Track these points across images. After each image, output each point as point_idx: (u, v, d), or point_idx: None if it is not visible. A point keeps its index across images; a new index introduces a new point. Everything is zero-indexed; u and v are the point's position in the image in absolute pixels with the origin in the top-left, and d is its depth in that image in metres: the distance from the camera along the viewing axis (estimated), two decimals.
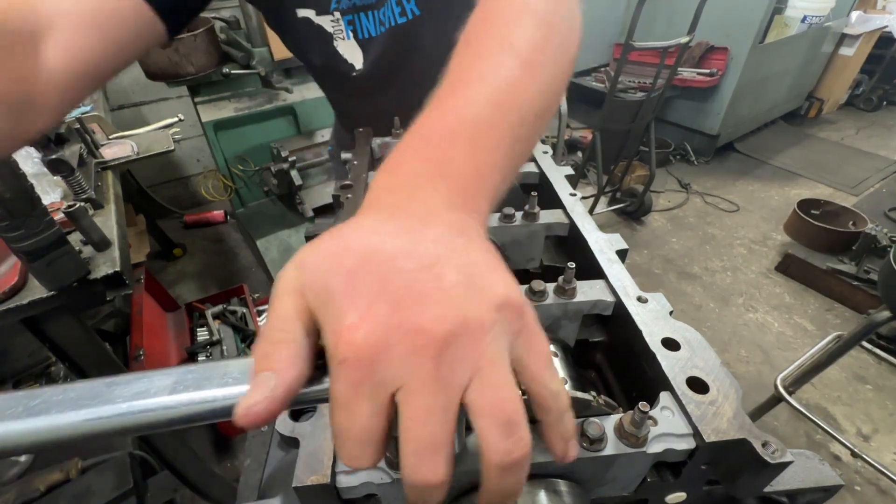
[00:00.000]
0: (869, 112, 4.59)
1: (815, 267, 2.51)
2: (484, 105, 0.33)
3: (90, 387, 0.24)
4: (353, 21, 0.76)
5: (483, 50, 0.37)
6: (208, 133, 2.38)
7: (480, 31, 0.40)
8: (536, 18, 0.40)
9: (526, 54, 0.37)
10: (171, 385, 0.24)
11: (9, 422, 0.22)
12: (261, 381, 0.22)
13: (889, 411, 1.97)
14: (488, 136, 0.32)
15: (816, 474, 0.39)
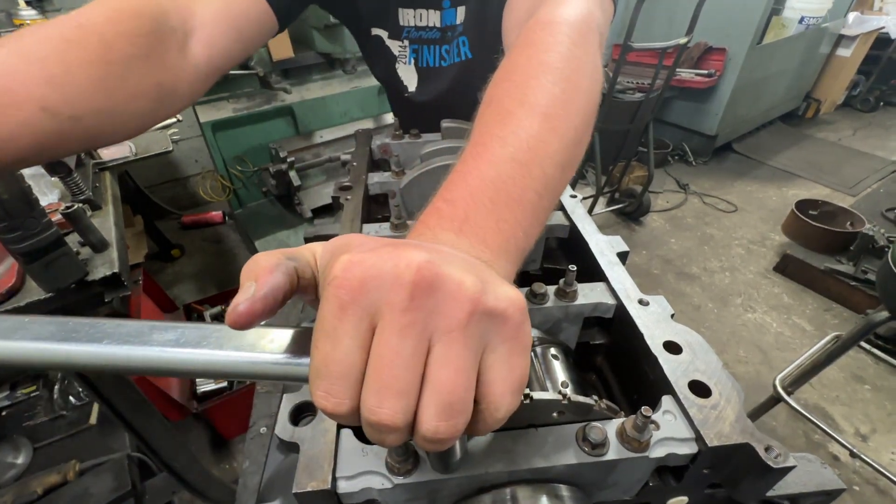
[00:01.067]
0: (866, 113, 4.61)
1: (813, 267, 2.51)
2: (506, 163, 0.34)
3: (138, 327, 0.26)
4: (417, 50, 0.88)
5: (504, 110, 0.39)
6: (206, 134, 2.38)
7: (501, 91, 0.42)
8: (555, 75, 0.41)
9: (546, 110, 0.38)
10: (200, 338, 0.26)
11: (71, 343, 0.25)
12: (244, 290, 0.24)
13: (887, 411, 1.97)
14: (509, 193, 0.33)
15: (818, 478, 0.39)
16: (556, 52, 0.43)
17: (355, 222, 0.59)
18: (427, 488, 0.33)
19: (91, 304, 0.96)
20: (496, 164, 0.34)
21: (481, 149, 0.36)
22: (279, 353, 0.26)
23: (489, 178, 0.33)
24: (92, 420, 1.58)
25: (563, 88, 0.40)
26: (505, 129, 0.37)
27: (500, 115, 0.38)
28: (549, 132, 0.37)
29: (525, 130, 0.36)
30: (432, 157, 0.68)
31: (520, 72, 0.42)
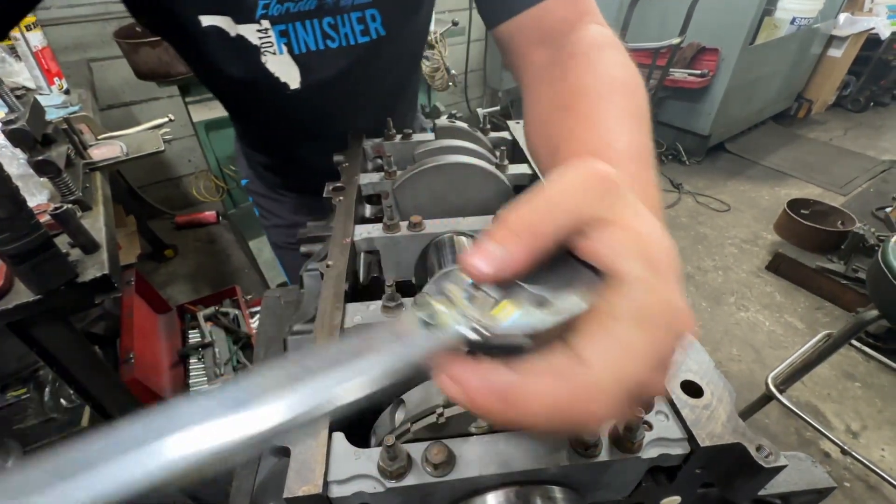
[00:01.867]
0: (856, 113, 4.65)
1: (805, 266, 2.53)
2: (637, 157, 0.40)
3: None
4: (286, 32, 0.64)
5: (606, 117, 0.43)
6: (199, 133, 2.36)
7: (592, 100, 0.45)
8: (628, 88, 0.46)
9: (639, 113, 0.44)
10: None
11: None
12: (489, 249, 0.22)
13: (877, 408, 2.00)
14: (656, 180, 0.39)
15: (809, 476, 0.39)
16: (624, 69, 0.48)
17: (348, 223, 0.59)
18: (420, 492, 0.33)
19: (81, 307, 0.95)
20: (640, 156, 0.40)
21: (640, 142, 0.41)
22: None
23: (648, 170, 0.40)
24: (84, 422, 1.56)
25: (642, 97, 0.46)
26: (624, 128, 0.41)
27: (606, 120, 0.42)
28: (647, 132, 0.43)
29: (648, 143, 0.42)
30: (425, 157, 0.68)
31: (617, 83, 0.46)
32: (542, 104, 0.50)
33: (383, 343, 0.22)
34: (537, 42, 0.58)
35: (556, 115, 0.46)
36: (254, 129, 0.91)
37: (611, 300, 0.21)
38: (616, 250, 0.22)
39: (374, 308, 0.47)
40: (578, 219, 0.23)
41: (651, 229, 0.23)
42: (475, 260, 0.22)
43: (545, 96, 0.51)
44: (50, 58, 1.74)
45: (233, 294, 2.17)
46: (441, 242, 0.59)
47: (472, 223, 0.60)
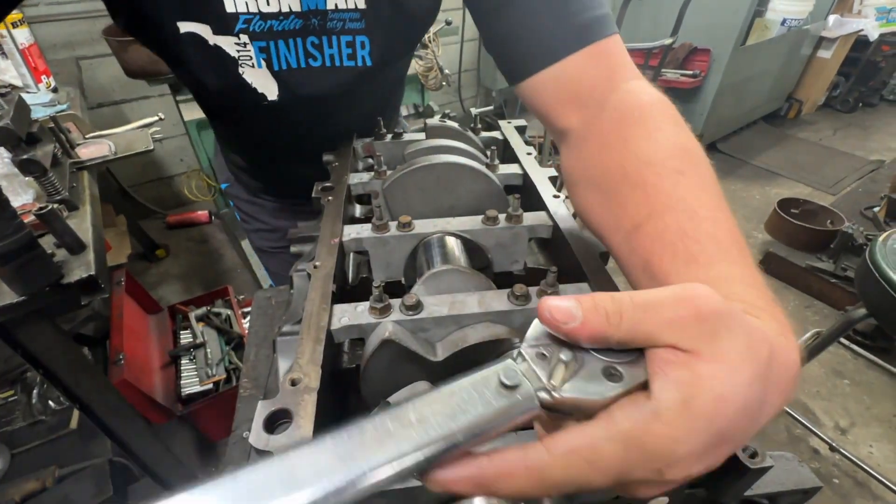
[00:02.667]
0: (846, 113, 4.71)
1: (795, 265, 2.56)
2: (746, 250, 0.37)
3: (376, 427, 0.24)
4: (266, 48, 0.62)
5: (714, 198, 0.40)
6: (191, 132, 2.34)
7: (691, 173, 0.42)
8: (696, 157, 0.44)
9: (713, 184, 0.42)
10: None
11: None
12: (571, 303, 0.25)
13: (865, 405, 2.02)
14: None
15: (796, 476, 0.39)
16: (685, 134, 0.46)
17: (336, 224, 0.59)
18: (405, 494, 0.33)
19: (67, 308, 0.94)
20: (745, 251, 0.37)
21: (736, 234, 0.38)
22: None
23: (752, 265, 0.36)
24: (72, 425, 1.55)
25: (710, 167, 0.44)
26: (717, 211, 0.39)
27: (711, 198, 0.40)
28: (728, 208, 0.40)
29: (729, 211, 0.39)
30: (416, 156, 0.68)
31: (672, 156, 0.43)
32: (599, 181, 0.47)
33: (472, 405, 0.24)
34: (567, 102, 0.55)
35: (629, 196, 0.43)
36: (233, 134, 0.90)
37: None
38: (666, 377, 0.24)
39: (361, 309, 0.46)
40: (670, 340, 0.25)
41: (722, 386, 0.24)
42: (560, 307, 0.25)
43: (600, 172, 0.47)
44: (37, 55, 1.71)
45: (225, 294, 2.15)
46: (430, 243, 0.59)
47: (462, 223, 0.60)
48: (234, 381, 1.78)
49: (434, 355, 0.45)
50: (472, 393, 0.24)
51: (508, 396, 0.24)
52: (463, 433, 0.23)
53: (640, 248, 0.40)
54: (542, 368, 0.25)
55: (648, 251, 0.39)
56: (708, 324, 0.24)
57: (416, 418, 0.23)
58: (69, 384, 1.07)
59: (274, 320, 1.09)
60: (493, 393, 0.24)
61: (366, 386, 0.46)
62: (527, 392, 0.24)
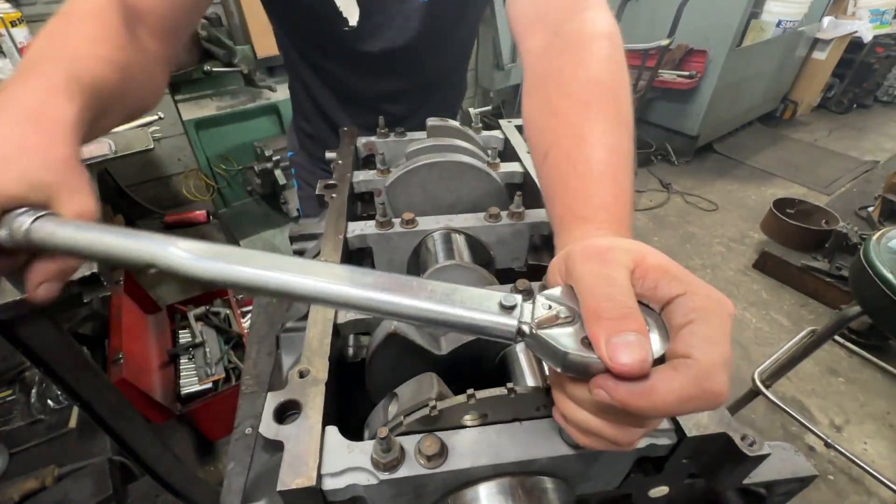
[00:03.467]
0: (840, 114, 4.75)
1: (790, 264, 2.58)
2: (631, 180, 0.42)
3: (403, 280, 0.30)
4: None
5: (610, 130, 0.44)
6: (189, 132, 2.34)
7: (570, 106, 0.46)
8: (628, 92, 0.48)
9: (619, 119, 0.45)
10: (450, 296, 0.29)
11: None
12: (639, 342, 0.26)
13: (860, 403, 2.04)
14: (629, 195, 0.41)
15: (792, 465, 0.40)
16: (609, 70, 0.49)
17: (340, 221, 0.59)
18: (413, 483, 0.34)
19: (69, 305, 0.94)
20: (629, 177, 0.42)
21: (619, 161, 0.42)
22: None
23: (630, 190, 0.41)
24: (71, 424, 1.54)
25: (629, 102, 0.48)
26: (620, 143, 0.43)
27: (606, 129, 0.44)
28: (627, 137, 0.45)
29: (630, 148, 0.44)
30: (418, 155, 0.69)
31: (599, 87, 0.47)
32: (536, 106, 0.51)
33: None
34: (534, 22, 0.59)
35: (547, 123, 0.48)
36: (309, 81, 0.95)
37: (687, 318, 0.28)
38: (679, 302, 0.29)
39: None
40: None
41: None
42: (637, 357, 0.26)
43: (538, 97, 0.52)
44: None
45: (223, 293, 2.15)
46: (434, 239, 0.60)
47: (464, 220, 0.61)
48: (233, 381, 1.78)
49: (438, 349, 0.45)
50: (474, 297, 0.29)
51: (498, 313, 0.29)
52: (452, 318, 0.29)
53: (544, 176, 0.46)
54: (537, 311, 0.29)
55: (548, 181, 0.45)
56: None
57: (430, 289, 0.29)
58: (70, 382, 1.07)
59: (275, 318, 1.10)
60: (489, 304, 0.29)
61: (371, 379, 0.47)
62: (512, 317, 0.29)
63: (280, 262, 0.31)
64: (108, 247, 0.34)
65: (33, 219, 0.34)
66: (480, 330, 0.29)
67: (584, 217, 0.39)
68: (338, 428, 0.36)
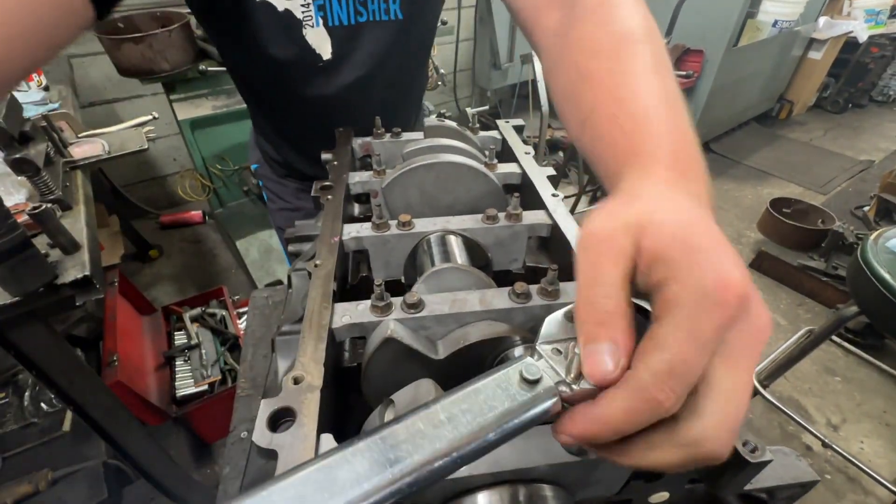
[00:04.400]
0: (836, 114, 4.77)
1: (787, 263, 2.59)
2: (689, 123, 0.38)
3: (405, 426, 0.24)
4: (323, 6, 0.73)
5: (647, 73, 0.41)
6: (185, 131, 2.32)
7: (629, 53, 0.43)
8: (654, 43, 0.45)
9: (659, 62, 0.42)
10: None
11: None
12: (611, 352, 0.24)
13: (856, 402, 2.05)
14: (698, 145, 0.37)
15: (794, 471, 0.40)
16: (636, 18, 0.46)
17: (336, 223, 0.59)
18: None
19: (62, 309, 0.93)
20: (684, 119, 0.37)
21: (666, 102, 0.38)
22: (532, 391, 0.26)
23: (689, 132, 0.37)
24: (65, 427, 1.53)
25: (659, 42, 0.45)
26: (664, 86, 0.39)
27: (644, 72, 0.41)
28: (671, 78, 0.41)
29: (676, 91, 0.40)
30: (414, 156, 0.68)
31: (627, 37, 0.44)
32: (563, 80, 0.48)
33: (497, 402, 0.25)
34: (547, 4, 0.57)
35: (580, 91, 0.45)
36: (271, 113, 0.95)
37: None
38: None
39: (362, 308, 0.46)
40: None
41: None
42: (599, 369, 0.24)
43: (564, 71, 0.49)
44: None
45: (219, 295, 2.14)
46: (430, 241, 0.59)
47: (461, 222, 0.60)
48: (229, 383, 1.77)
49: (435, 353, 0.45)
50: (496, 390, 0.25)
51: (531, 391, 0.25)
52: (493, 428, 0.24)
53: (588, 144, 0.42)
54: (558, 364, 0.26)
55: (592, 147, 0.41)
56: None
57: (446, 417, 0.23)
58: (63, 386, 1.06)
59: (271, 320, 1.09)
60: (516, 389, 0.25)
61: (367, 384, 0.46)
62: (548, 386, 0.25)
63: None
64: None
65: None
66: (523, 427, 0.25)
67: (632, 169, 0.34)
68: (333, 435, 0.35)
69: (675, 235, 0.26)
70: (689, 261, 0.24)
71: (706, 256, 0.24)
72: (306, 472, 0.22)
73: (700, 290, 0.23)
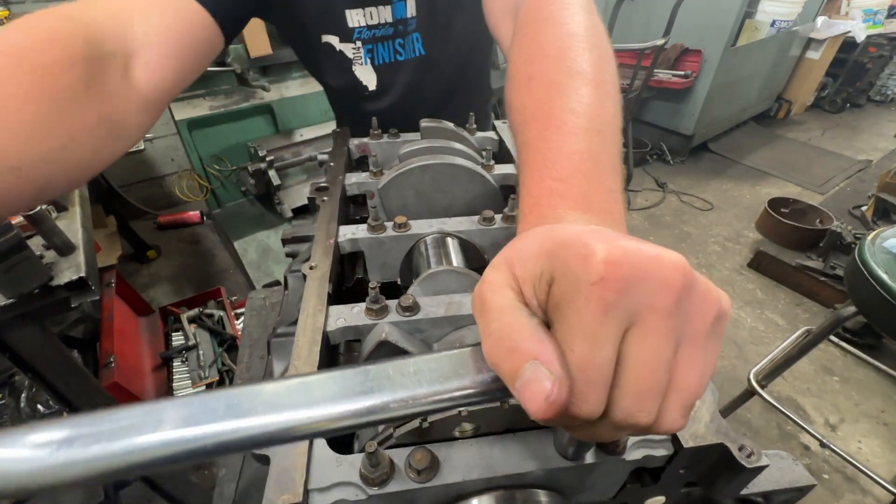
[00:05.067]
0: (834, 114, 4.77)
1: (785, 263, 2.59)
2: (588, 134, 0.35)
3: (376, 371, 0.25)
4: (371, 49, 0.87)
5: (556, 82, 0.40)
6: (182, 132, 2.32)
7: (542, 66, 0.42)
8: (587, 43, 0.43)
9: (594, 77, 0.40)
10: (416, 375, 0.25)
11: None
12: (535, 374, 0.21)
13: (854, 402, 2.05)
14: (602, 162, 0.34)
15: (791, 475, 0.39)
16: (578, 23, 0.45)
17: (332, 224, 0.58)
18: (403, 498, 0.33)
19: (57, 310, 0.92)
20: (581, 137, 0.35)
21: (559, 122, 0.36)
22: (472, 376, 0.25)
23: (584, 152, 0.34)
24: None
25: (598, 55, 0.42)
26: (568, 101, 0.37)
27: (555, 88, 0.39)
28: (605, 97, 0.39)
29: (587, 99, 0.37)
30: (411, 157, 0.68)
31: (552, 45, 0.43)
32: (511, 86, 0.47)
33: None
34: (505, 13, 0.61)
35: (519, 96, 0.43)
36: (348, 119, 1.08)
37: None
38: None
39: (357, 311, 0.46)
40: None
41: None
42: (536, 404, 0.22)
43: (510, 76, 0.48)
44: None
45: (217, 295, 2.13)
46: (427, 243, 0.59)
47: (458, 223, 0.60)
48: (227, 383, 1.76)
49: None
50: (467, 361, 0.25)
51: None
52: (449, 392, 0.24)
53: (519, 158, 0.40)
54: None
55: (519, 158, 0.40)
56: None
57: (413, 370, 0.24)
58: (59, 387, 1.06)
59: (268, 321, 1.09)
60: (485, 365, 0.25)
61: None
62: None
63: (195, 406, 0.22)
64: None
65: None
66: (486, 395, 0.25)
67: (523, 216, 0.33)
68: (326, 440, 0.35)
69: (540, 248, 0.24)
70: (554, 258, 0.23)
71: (568, 245, 0.23)
72: (289, 383, 0.24)
73: (570, 278, 0.22)
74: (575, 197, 0.31)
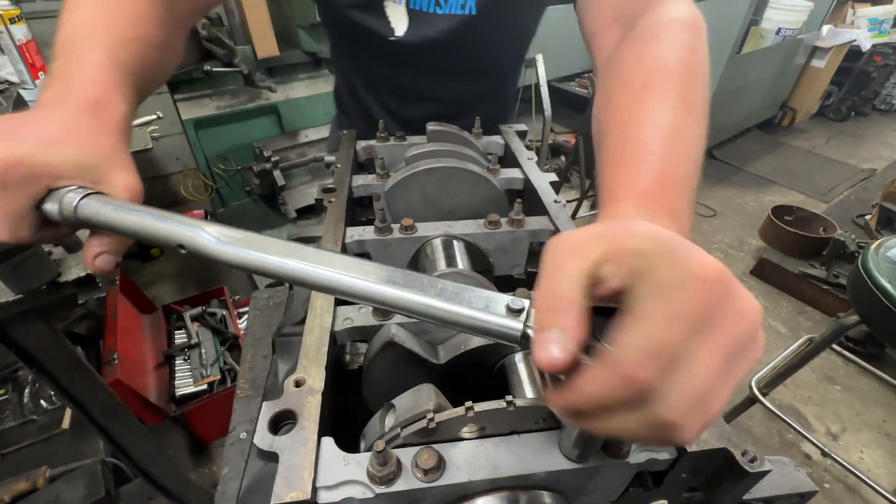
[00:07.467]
0: (838, 122, 4.77)
1: (788, 271, 2.58)
2: (686, 157, 0.42)
3: (415, 277, 0.32)
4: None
5: (671, 101, 0.45)
6: (188, 131, 2.33)
7: (663, 77, 0.47)
8: (700, 71, 0.49)
9: (691, 106, 0.45)
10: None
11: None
12: (556, 337, 0.24)
13: (856, 411, 2.04)
14: (689, 184, 0.41)
15: (792, 480, 0.40)
16: (700, 51, 0.51)
17: (339, 225, 0.59)
18: (409, 498, 0.33)
19: (64, 306, 0.93)
20: (682, 156, 0.41)
21: (673, 136, 0.42)
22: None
23: (679, 168, 0.40)
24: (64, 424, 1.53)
25: (705, 85, 0.48)
26: (675, 123, 0.43)
27: (668, 105, 0.44)
28: (700, 129, 0.45)
29: (691, 130, 0.44)
30: (418, 159, 0.68)
31: (675, 63, 0.48)
32: (598, 101, 0.52)
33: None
34: (611, 21, 0.60)
35: (605, 112, 0.49)
36: (354, 72, 0.96)
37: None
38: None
39: (364, 311, 0.47)
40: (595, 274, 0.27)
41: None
42: (544, 356, 0.24)
43: (601, 91, 0.52)
44: (35, 52, 1.70)
45: (220, 294, 2.14)
46: (433, 245, 0.59)
47: (464, 226, 0.60)
48: (228, 382, 1.77)
49: (436, 358, 0.45)
50: (483, 298, 0.30)
51: (505, 315, 0.29)
52: (461, 316, 0.29)
53: (599, 167, 0.46)
54: None
55: (600, 172, 0.45)
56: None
57: (439, 288, 0.30)
58: (63, 383, 1.06)
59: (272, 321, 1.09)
60: (497, 305, 0.29)
61: (368, 387, 0.47)
62: (517, 321, 0.29)
63: (298, 251, 0.33)
64: (144, 227, 0.36)
65: (81, 196, 0.37)
66: (485, 331, 0.29)
67: (615, 198, 0.38)
68: (334, 438, 0.35)
69: (647, 235, 0.27)
70: (665, 250, 0.25)
71: (681, 246, 0.25)
72: (316, 248, 0.34)
73: (679, 271, 0.24)
74: (666, 206, 0.37)
